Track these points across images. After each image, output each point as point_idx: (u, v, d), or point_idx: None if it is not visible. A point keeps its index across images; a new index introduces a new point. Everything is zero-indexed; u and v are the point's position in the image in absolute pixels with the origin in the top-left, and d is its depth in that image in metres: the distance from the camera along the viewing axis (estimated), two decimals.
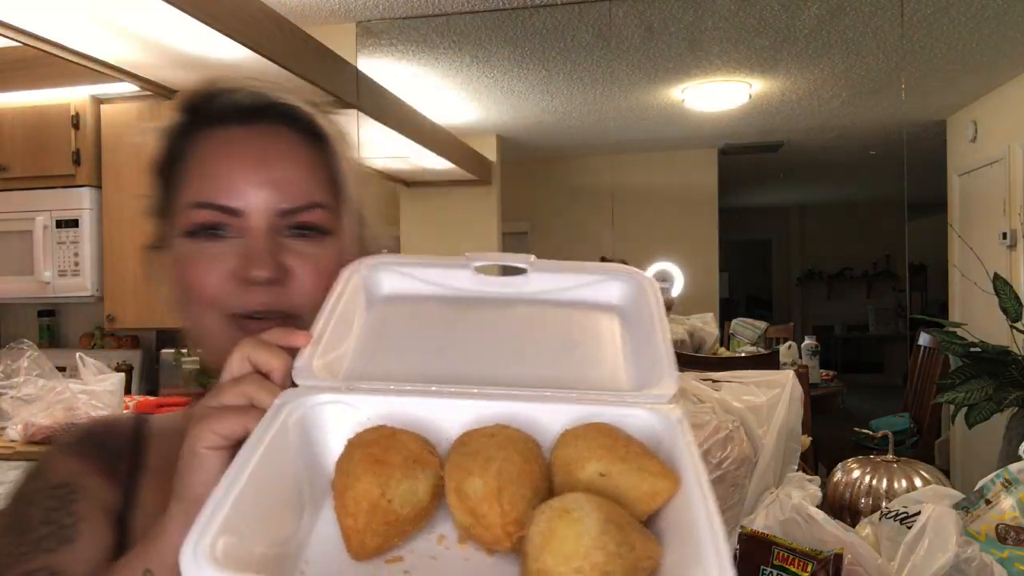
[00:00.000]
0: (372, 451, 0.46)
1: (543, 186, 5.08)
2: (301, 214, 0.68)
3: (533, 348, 0.57)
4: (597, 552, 0.39)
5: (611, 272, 0.62)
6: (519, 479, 0.44)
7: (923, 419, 3.59)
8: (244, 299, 0.66)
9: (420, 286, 0.63)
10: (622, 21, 3.22)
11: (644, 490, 0.45)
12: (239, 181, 0.67)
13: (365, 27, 3.21)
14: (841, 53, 3.55)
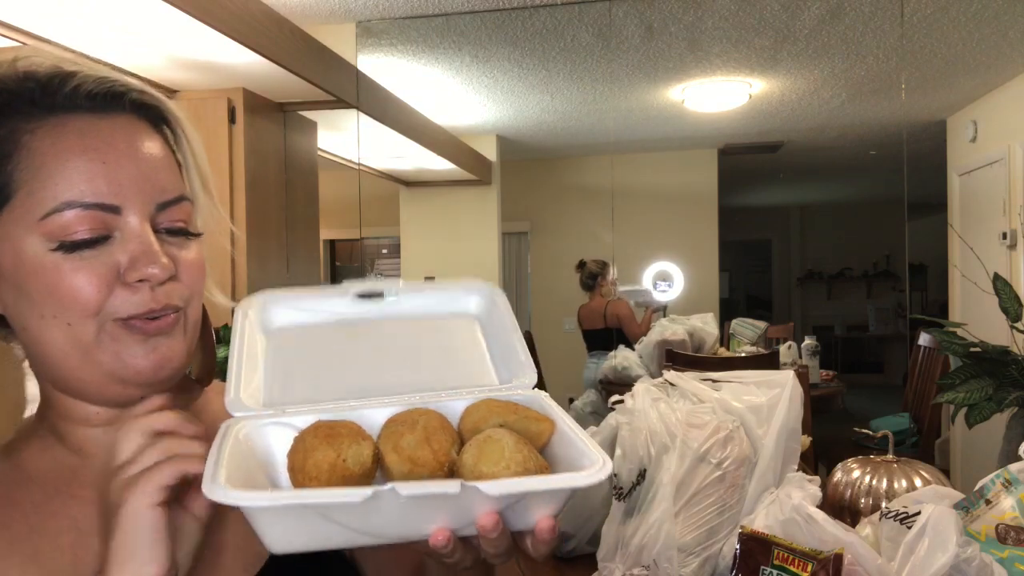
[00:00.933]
0: (322, 430, 0.56)
1: (543, 186, 5.09)
2: (173, 208, 0.63)
3: (416, 357, 0.68)
4: (517, 455, 0.53)
5: (466, 287, 0.73)
6: (440, 431, 0.57)
7: (923, 419, 3.59)
8: (134, 302, 0.60)
9: (307, 316, 0.70)
10: (622, 21, 3.22)
11: (533, 430, 0.59)
12: (110, 174, 0.60)
13: (365, 27, 3.21)
14: (841, 53, 3.55)
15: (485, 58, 3.57)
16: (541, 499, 0.52)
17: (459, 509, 0.51)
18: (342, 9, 3.03)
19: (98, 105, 0.62)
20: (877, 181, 5.75)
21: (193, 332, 0.66)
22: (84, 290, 0.59)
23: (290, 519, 0.50)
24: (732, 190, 5.36)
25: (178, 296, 0.63)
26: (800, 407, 1.24)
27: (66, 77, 0.62)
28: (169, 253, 0.62)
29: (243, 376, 0.63)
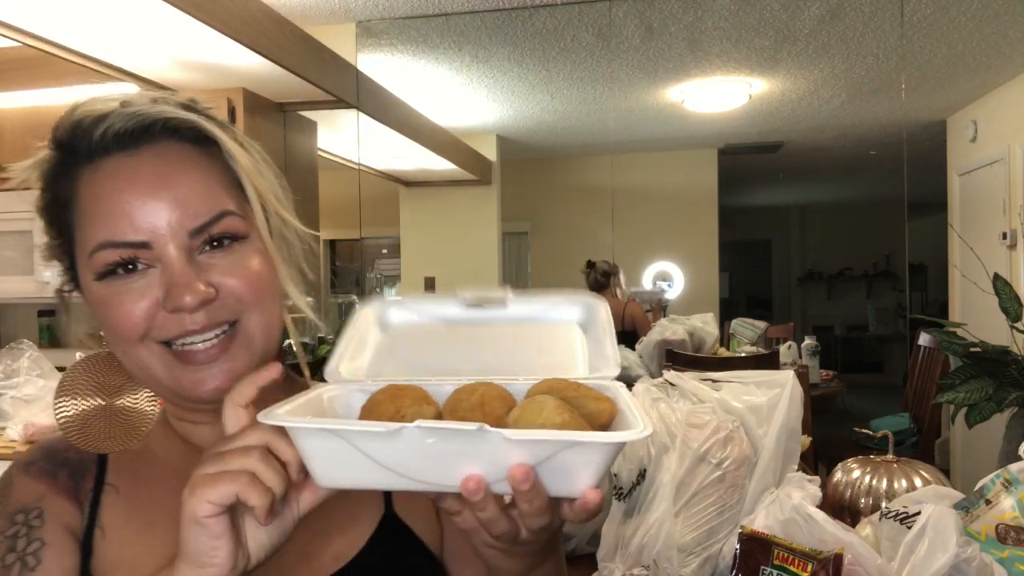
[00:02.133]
0: (389, 391, 0.60)
1: (543, 186, 5.08)
2: (211, 228, 0.65)
3: (510, 352, 0.71)
4: (556, 417, 0.54)
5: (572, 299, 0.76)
6: (496, 399, 0.59)
7: (923, 419, 3.59)
8: (177, 326, 0.64)
9: (420, 317, 0.75)
10: (622, 21, 3.22)
11: (591, 408, 0.59)
12: (138, 212, 0.63)
13: (365, 27, 3.21)
14: (841, 53, 3.55)
15: (485, 58, 3.57)
16: (575, 459, 0.51)
17: (487, 457, 0.51)
18: (342, 9, 3.02)
19: (128, 142, 0.65)
20: (877, 181, 5.75)
21: (260, 339, 0.68)
22: (128, 319, 0.64)
23: (328, 449, 0.53)
24: (732, 190, 5.36)
25: (225, 313, 0.66)
26: (800, 407, 1.24)
27: (99, 120, 0.65)
28: (213, 272, 0.65)
29: (347, 356, 0.67)
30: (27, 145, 0.71)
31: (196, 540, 0.55)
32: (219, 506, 0.54)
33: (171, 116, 0.66)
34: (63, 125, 0.67)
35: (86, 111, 0.66)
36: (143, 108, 0.66)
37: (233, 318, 0.66)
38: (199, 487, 0.55)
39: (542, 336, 0.73)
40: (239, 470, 0.55)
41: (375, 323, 0.74)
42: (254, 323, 0.67)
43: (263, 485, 0.55)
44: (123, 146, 0.65)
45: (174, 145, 0.67)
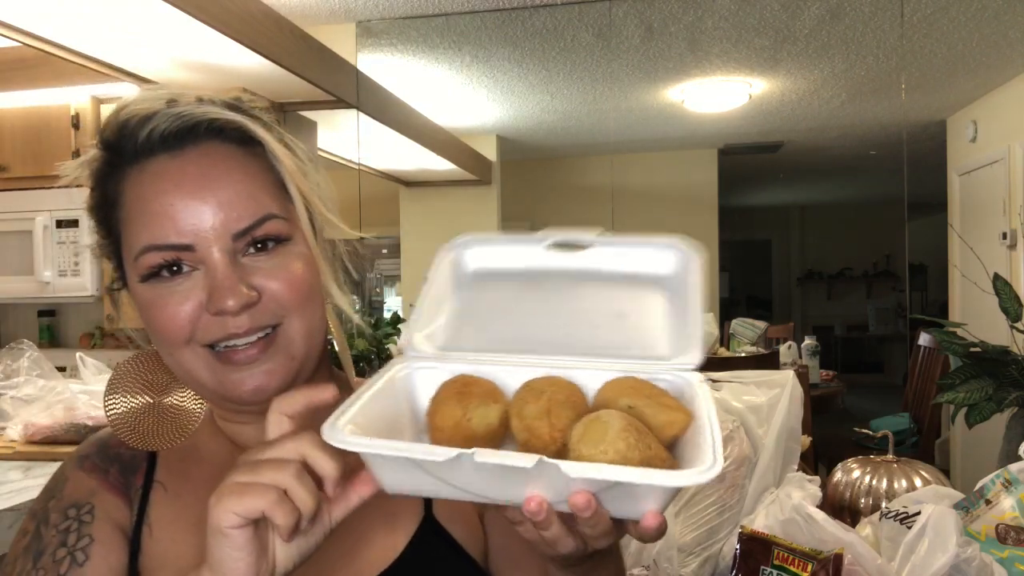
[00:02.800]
0: (456, 386, 0.59)
1: (543, 186, 5.08)
2: (255, 231, 0.65)
3: (587, 318, 0.67)
4: (619, 442, 0.51)
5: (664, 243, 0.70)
6: (564, 404, 0.57)
7: (923, 419, 3.59)
8: (220, 329, 0.64)
9: (500, 261, 0.72)
10: (622, 21, 3.22)
11: (663, 419, 0.56)
12: (182, 215, 0.63)
13: (365, 27, 3.21)
14: (841, 53, 3.55)
15: (485, 58, 3.57)
16: (641, 491, 0.49)
17: (548, 483, 0.50)
18: (342, 9, 3.02)
19: (173, 143, 0.65)
20: (877, 181, 5.75)
21: (300, 343, 0.67)
22: (172, 322, 0.64)
23: (398, 467, 0.53)
24: (732, 190, 5.36)
25: (268, 317, 0.65)
26: (800, 407, 1.24)
27: (144, 121, 0.65)
28: (257, 275, 0.65)
29: (423, 318, 0.66)
30: (27, 145, 0.71)
31: (219, 549, 0.54)
32: (243, 519, 0.53)
33: (216, 117, 0.66)
34: (110, 125, 0.67)
35: (132, 111, 0.66)
36: (188, 109, 0.66)
37: (275, 322, 0.66)
38: (225, 496, 0.54)
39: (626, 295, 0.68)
40: (269, 484, 0.54)
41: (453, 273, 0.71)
42: (295, 327, 0.67)
43: (292, 504, 0.54)
44: (168, 147, 0.65)
45: (219, 146, 0.66)
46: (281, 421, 0.58)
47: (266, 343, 0.65)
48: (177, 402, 0.74)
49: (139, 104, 0.66)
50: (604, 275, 0.70)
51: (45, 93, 2.73)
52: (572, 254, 0.70)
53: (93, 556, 0.67)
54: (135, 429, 0.72)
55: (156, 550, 0.69)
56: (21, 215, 2.81)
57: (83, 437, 1.73)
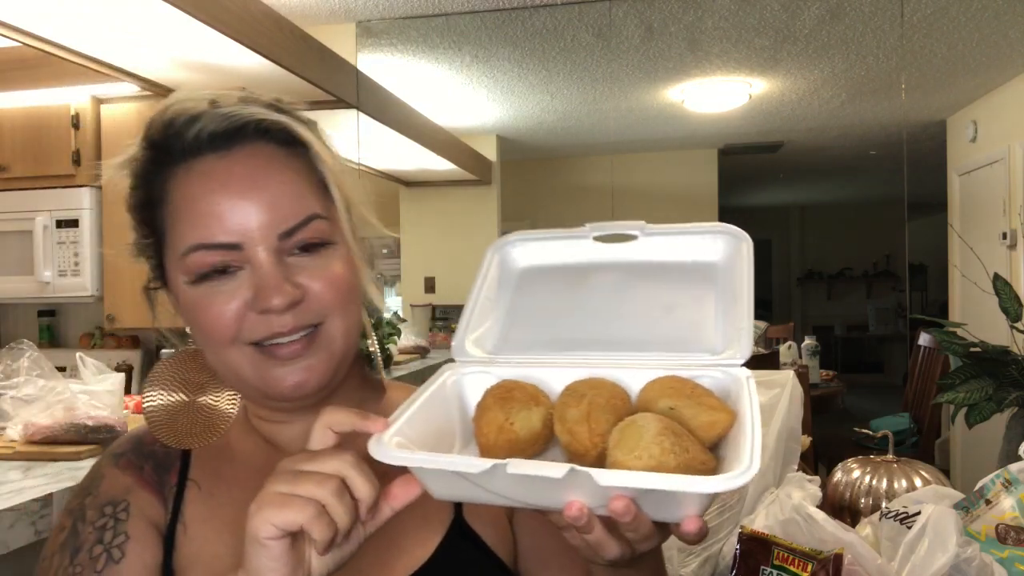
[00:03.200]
0: (499, 392, 0.60)
1: (543, 186, 5.08)
2: (300, 231, 0.66)
3: (636, 312, 0.67)
4: (654, 447, 0.51)
5: (714, 230, 0.70)
6: (604, 408, 0.57)
7: (923, 419, 3.59)
8: (265, 327, 0.65)
9: (548, 257, 0.72)
10: (622, 21, 3.22)
11: (704, 420, 0.56)
12: (230, 214, 0.64)
13: (365, 27, 3.21)
14: (841, 53, 3.55)
15: (485, 58, 3.57)
16: (672, 496, 0.49)
17: (583, 490, 0.50)
18: (342, 9, 3.02)
19: (221, 143, 0.66)
20: (877, 181, 5.75)
21: (340, 343, 0.68)
22: (218, 321, 0.65)
23: (437, 477, 0.54)
24: (732, 190, 5.36)
25: (311, 316, 0.66)
26: (800, 407, 1.24)
27: (192, 120, 0.66)
28: (300, 276, 0.65)
29: (473, 321, 0.68)
30: (27, 145, 0.72)
31: (256, 557, 0.55)
32: (281, 531, 0.54)
33: (263, 117, 0.67)
34: (156, 124, 0.67)
35: (178, 110, 0.67)
36: (235, 109, 0.66)
37: (318, 320, 0.66)
38: (266, 507, 0.54)
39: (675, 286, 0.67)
40: (309, 499, 0.54)
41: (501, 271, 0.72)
42: (336, 326, 0.68)
43: (329, 519, 0.54)
44: (216, 147, 0.66)
45: (264, 147, 0.67)
46: (326, 434, 0.58)
47: (308, 340, 0.66)
48: (211, 402, 0.74)
49: (184, 104, 0.67)
50: (653, 266, 0.69)
51: (45, 93, 2.73)
52: (619, 246, 0.71)
53: (129, 553, 0.68)
54: (170, 426, 0.72)
55: (190, 548, 0.70)
56: (21, 215, 2.81)
57: (83, 437, 1.73)
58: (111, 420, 1.78)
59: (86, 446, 1.73)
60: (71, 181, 2.78)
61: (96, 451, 1.74)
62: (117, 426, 1.79)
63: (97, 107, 2.78)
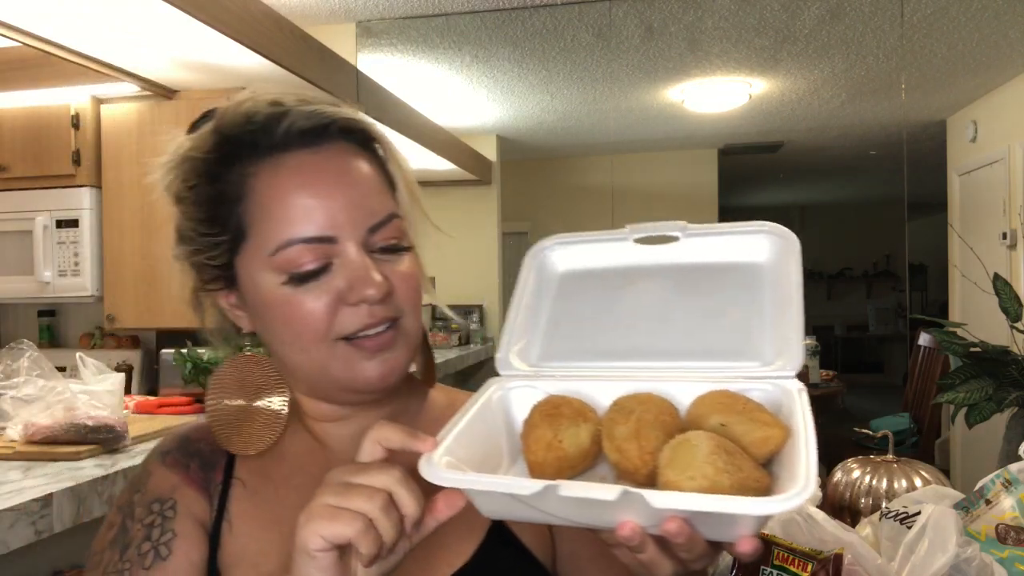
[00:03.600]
0: (546, 408, 0.59)
1: (543, 186, 5.09)
2: (384, 227, 0.67)
3: (681, 319, 0.66)
4: (707, 466, 0.50)
5: (759, 229, 0.69)
6: (653, 425, 0.56)
7: (923, 419, 3.59)
8: (357, 319, 0.66)
9: (588, 261, 0.71)
10: (622, 21, 3.22)
11: (757, 436, 0.55)
12: (323, 208, 0.65)
13: (365, 27, 3.21)
14: (841, 53, 3.55)
15: (485, 58, 3.57)
16: (726, 516, 0.48)
17: (636, 511, 0.49)
18: (342, 9, 3.02)
19: (309, 139, 0.66)
20: (877, 181, 5.75)
21: (414, 339, 0.70)
22: (313, 317, 0.65)
23: (487, 496, 0.54)
24: (732, 190, 5.36)
25: (394, 310, 0.67)
26: None
27: (280, 117, 0.66)
28: (383, 271, 0.66)
29: (516, 333, 0.67)
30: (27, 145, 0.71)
31: (305, 568, 0.56)
32: (330, 543, 0.55)
33: (348, 117, 0.68)
34: (231, 119, 0.67)
35: (254, 107, 0.67)
36: (322, 107, 0.67)
37: (397, 315, 0.68)
38: (315, 519, 0.55)
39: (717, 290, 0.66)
40: (358, 512, 0.55)
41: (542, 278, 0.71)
42: (410, 323, 0.69)
43: (377, 533, 0.55)
44: (306, 143, 0.66)
45: (347, 145, 0.69)
46: (375, 448, 0.59)
47: (395, 332, 0.68)
48: (267, 405, 0.75)
49: (257, 101, 0.67)
50: (696, 269, 0.68)
51: (45, 93, 2.73)
52: (660, 248, 0.69)
53: (176, 551, 0.68)
54: (235, 431, 0.73)
55: (235, 546, 0.70)
56: (21, 215, 2.81)
57: (83, 437, 1.73)
58: (111, 420, 1.78)
59: (86, 446, 1.72)
60: (71, 181, 2.78)
61: (96, 451, 1.74)
62: (117, 426, 1.78)
63: (97, 107, 2.78)
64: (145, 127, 2.73)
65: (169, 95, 2.70)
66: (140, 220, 2.73)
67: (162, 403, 2.37)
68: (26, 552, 1.38)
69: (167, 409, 2.32)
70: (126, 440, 1.81)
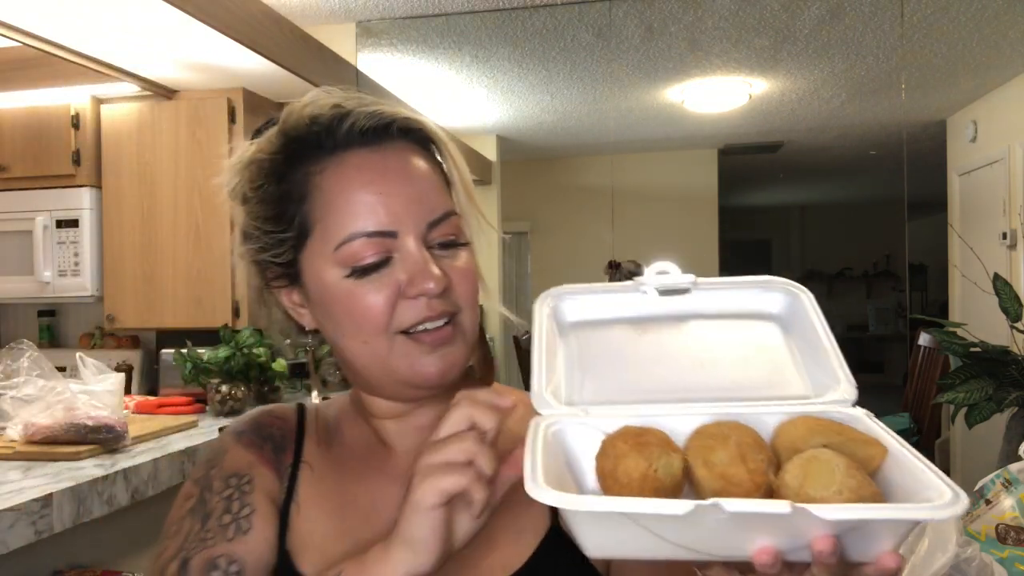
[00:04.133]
0: (631, 437, 0.56)
1: (543, 186, 5.08)
2: (443, 224, 0.69)
3: (713, 359, 0.65)
4: (850, 480, 0.49)
5: (767, 284, 0.69)
6: (755, 447, 0.54)
7: (923, 419, 3.59)
8: (416, 312, 0.67)
9: (599, 312, 0.71)
10: (622, 21, 3.22)
11: (861, 455, 0.54)
12: (386, 203, 0.67)
13: (365, 27, 3.21)
14: (841, 53, 3.55)
15: (485, 58, 3.57)
16: (883, 529, 0.48)
17: (786, 531, 0.48)
18: (342, 9, 3.02)
19: (370, 138, 0.69)
20: (877, 181, 5.75)
21: (471, 336, 0.72)
22: (374, 309, 0.67)
23: (609, 525, 0.51)
24: (732, 190, 5.36)
25: (452, 304, 0.69)
26: None
27: (343, 117, 0.68)
28: (442, 266, 0.68)
29: (543, 374, 0.65)
30: (27, 145, 0.71)
31: (418, 526, 0.58)
32: (447, 496, 0.57)
33: (407, 116, 0.70)
34: (298, 123, 0.69)
35: (317, 110, 0.69)
36: (382, 108, 0.69)
37: (455, 310, 0.69)
38: (430, 476, 0.57)
39: (741, 335, 0.66)
40: (467, 464, 0.57)
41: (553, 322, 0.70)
42: (468, 318, 0.70)
43: (485, 482, 0.58)
44: (367, 142, 0.69)
45: (407, 144, 0.71)
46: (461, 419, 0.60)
47: (453, 327, 0.69)
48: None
49: (319, 103, 0.69)
50: (715, 315, 0.68)
51: (45, 93, 2.73)
52: (673, 299, 0.69)
53: (255, 525, 0.70)
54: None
55: (303, 527, 0.72)
56: (21, 215, 2.81)
57: (83, 437, 1.73)
58: (111, 420, 1.78)
59: (86, 446, 1.73)
60: (71, 181, 2.78)
61: (96, 451, 1.74)
62: (117, 426, 1.78)
63: (97, 107, 2.78)
64: (145, 127, 2.73)
65: (169, 95, 2.70)
66: (140, 220, 2.73)
67: (162, 403, 2.37)
68: (26, 552, 1.38)
69: (167, 409, 2.32)
70: (126, 440, 1.81)
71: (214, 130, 2.66)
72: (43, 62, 2.39)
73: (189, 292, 2.69)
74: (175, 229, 2.71)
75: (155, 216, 2.73)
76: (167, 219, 2.71)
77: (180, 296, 2.70)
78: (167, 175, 2.71)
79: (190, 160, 2.69)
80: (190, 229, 2.69)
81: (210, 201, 2.66)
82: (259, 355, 2.38)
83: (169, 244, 2.71)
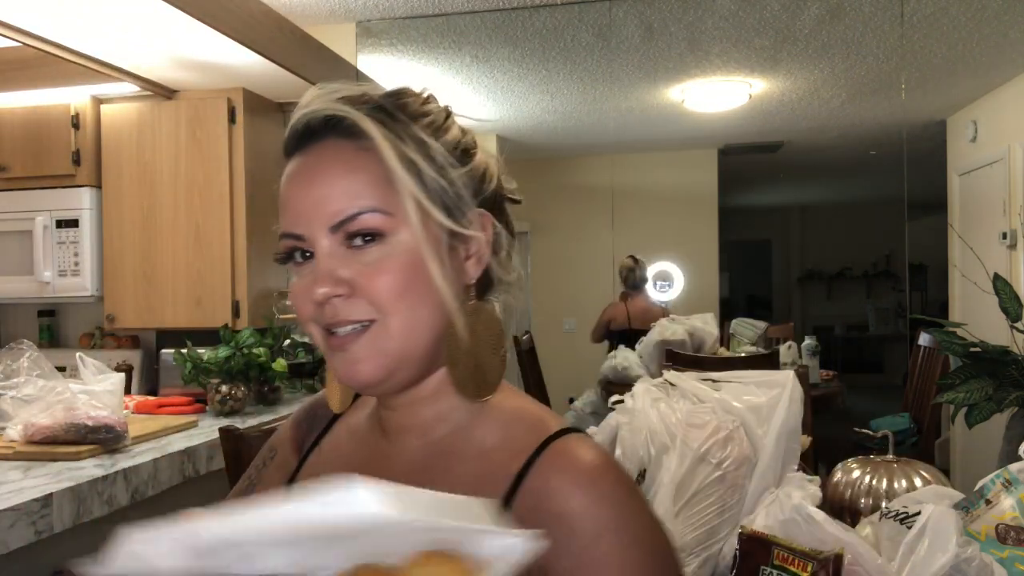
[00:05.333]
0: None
1: (543, 186, 5.08)
2: (348, 225, 0.66)
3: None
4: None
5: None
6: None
7: (923, 419, 3.59)
8: (322, 315, 0.68)
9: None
10: (622, 21, 3.22)
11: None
12: (294, 207, 0.69)
13: (365, 27, 3.21)
14: (841, 53, 3.55)
15: (485, 58, 3.57)
16: None
17: None
18: (342, 9, 3.02)
19: (303, 141, 0.70)
20: (877, 181, 5.75)
21: (399, 342, 0.67)
22: (296, 300, 0.70)
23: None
24: (732, 190, 5.36)
25: (361, 312, 0.66)
26: (800, 407, 1.24)
27: (290, 123, 0.71)
28: (353, 270, 0.66)
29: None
30: (27, 145, 0.71)
31: None
32: None
33: (332, 113, 0.68)
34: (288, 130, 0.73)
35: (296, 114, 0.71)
36: (311, 108, 0.69)
37: (369, 318, 0.66)
38: None
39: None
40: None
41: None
42: (394, 324, 0.66)
43: None
44: (300, 145, 0.71)
45: (334, 142, 0.69)
46: None
47: (356, 335, 0.67)
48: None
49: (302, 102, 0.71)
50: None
51: (45, 93, 2.73)
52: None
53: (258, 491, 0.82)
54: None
55: None
56: (21, 215, 2.81)
57: (83, 437, 1.73)
58: (111, 420, 1.78)
59: (86, 446, 1.72)
60: (71, 181, 2.78)
61: (96, 451, 1.74)
62: (117, 426, 1.78)
63: (97, 107, 2.78)
64: (145, 127, 2.73)
65: (169, 95, 2.70)
66: (140, 220, 2.73)
67: (162, 403, 2.37)
68: (26, 552, 1.38)
69: (167, 409, 2.32)
70: (126, 440, 1.81)
71: (214, 130, 2.66)
72: (43, 62, 2.38)
73: (189, 292, 2.69)
74: (175, 229, 2.70)
75: (155, 216, 2.73)
76: (167, 219, 2.71)
77: (180, 296, 2.70)
78: (167, 175, 2.71)
79: (190, 160, 2.69)
80: (190, 229, 2.69)
81: (210, 201, 2.66)
82: (259, 355, 2.38)
83: (169, 244, 2.71)
